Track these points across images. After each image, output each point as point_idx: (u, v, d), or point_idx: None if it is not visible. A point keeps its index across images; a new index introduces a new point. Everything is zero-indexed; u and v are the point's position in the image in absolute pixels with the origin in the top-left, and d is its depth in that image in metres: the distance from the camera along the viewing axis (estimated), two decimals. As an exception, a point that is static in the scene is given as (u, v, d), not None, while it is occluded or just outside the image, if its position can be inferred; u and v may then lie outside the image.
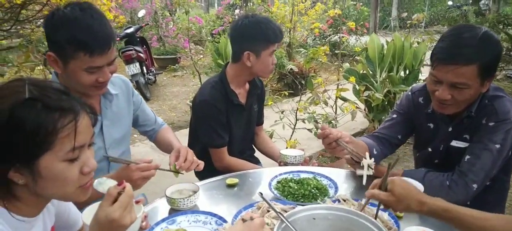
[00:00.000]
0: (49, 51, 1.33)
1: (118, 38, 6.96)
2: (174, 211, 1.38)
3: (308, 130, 3.17)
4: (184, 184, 1.50)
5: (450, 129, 1.56)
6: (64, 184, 0.87)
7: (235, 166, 1.92)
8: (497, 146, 1.42)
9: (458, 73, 1.33)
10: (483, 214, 1.06)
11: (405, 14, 6.73)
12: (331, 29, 8.24)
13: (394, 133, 1.72)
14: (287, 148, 2.88)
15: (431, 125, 1.64)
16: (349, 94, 3.76)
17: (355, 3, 10.87)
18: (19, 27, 3.97)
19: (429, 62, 1.48)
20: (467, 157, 1.45)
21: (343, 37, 3.23)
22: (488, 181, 1.46)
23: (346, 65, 4.34)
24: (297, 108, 3.18)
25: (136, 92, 1.79)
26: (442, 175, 1.47)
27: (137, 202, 1.03)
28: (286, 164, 1.83)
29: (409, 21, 5.15)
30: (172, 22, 8.11)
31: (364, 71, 4.17)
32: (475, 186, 1.42)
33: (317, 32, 7.67)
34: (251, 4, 6.91)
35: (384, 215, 1.29)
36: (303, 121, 3.16)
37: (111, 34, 1.34)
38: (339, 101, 3.43)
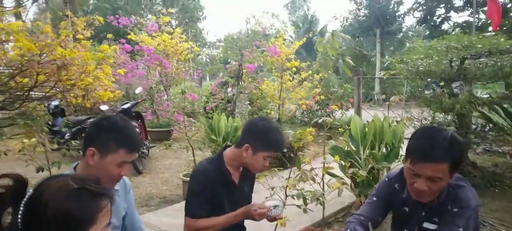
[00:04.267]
0: None
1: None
2: None
3: (297, 206, 3.33)
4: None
5: (423, 213, 1.78)
6: None
7: (206, 226, 1.98)
8: (460, 229, 1.64)
9: (435, 169, 1.58)
10: None
11: (383, 96, 7.20)
12: (317, 104, 8.71)
13: (375, 216, 1.91)
14: (277, 225, 3.01)
15: (406, 209, 1.85)
16: (336, 170, 3.98)
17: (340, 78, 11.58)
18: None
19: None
20: (437, 237, 1.66)
21: (326, 119, 3.52)
22: None
23: (332, 142, 4.61)
24: (287, 186, 3.36)
25: (131, 191, 1.91)
26: (416, 253, 1.66)
27: None
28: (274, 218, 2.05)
29: (388, 102, 5.56)
30: (166, 96, 8.46)
31: (348, 148, 4.43)
32: (444, 263, 1.61)
33: (305, 107, 8.10)
34: (242, 82, 7.37)
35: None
36: (293, 197, 3.33)
37: None
38: (326, 177, 3.63)
